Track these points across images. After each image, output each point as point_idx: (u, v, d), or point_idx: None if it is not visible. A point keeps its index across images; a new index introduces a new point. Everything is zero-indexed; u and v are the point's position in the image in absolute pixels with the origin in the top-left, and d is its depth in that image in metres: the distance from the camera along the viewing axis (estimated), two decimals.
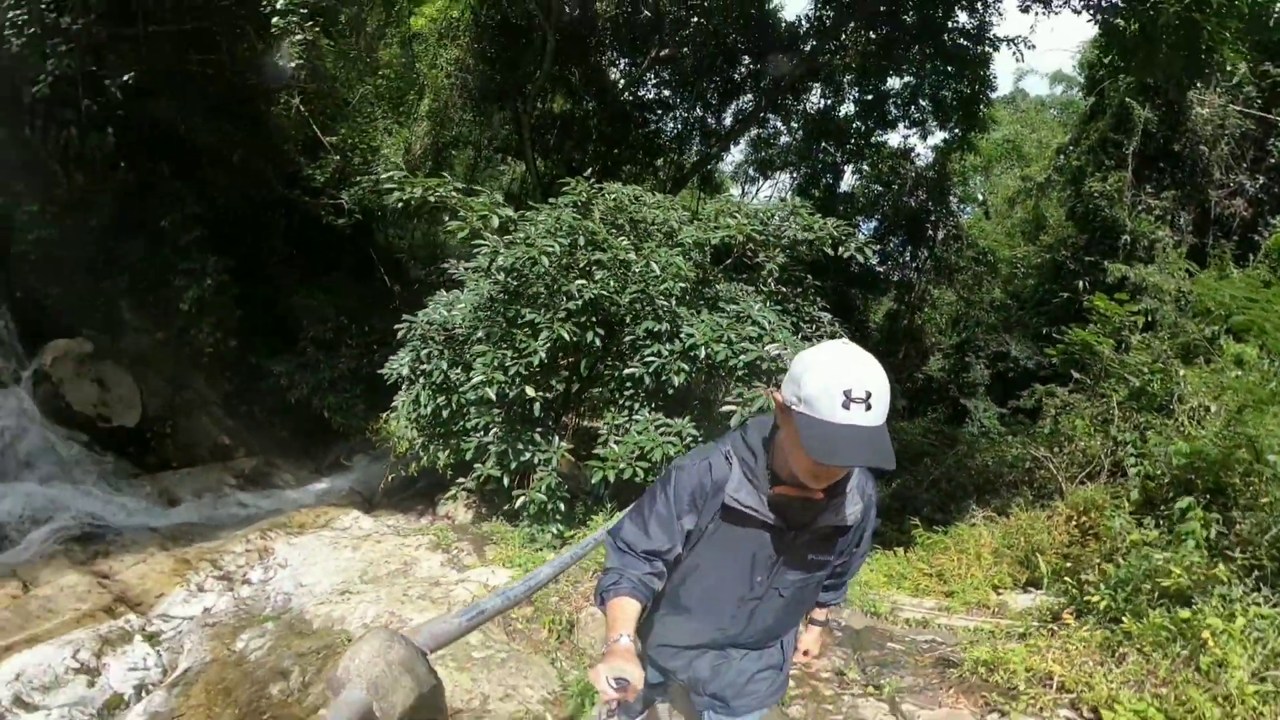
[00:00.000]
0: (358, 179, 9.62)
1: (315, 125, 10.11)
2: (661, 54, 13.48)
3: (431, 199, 5.44)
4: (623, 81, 14.63)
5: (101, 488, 7.04)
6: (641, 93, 14.96)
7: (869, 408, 1.14)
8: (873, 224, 16.88)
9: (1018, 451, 7.32)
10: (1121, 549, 3.96)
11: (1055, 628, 3.29)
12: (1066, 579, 3.92)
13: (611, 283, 4.93)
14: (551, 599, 3.98)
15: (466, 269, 5.75)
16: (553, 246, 4.86)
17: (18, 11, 7.24)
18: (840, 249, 5.74)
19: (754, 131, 16.45)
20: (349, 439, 8.16)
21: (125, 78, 7.69)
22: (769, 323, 4.83)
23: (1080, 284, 10.90)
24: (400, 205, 5.58)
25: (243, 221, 8.68)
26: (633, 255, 4.98)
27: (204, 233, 7.96)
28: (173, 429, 7.48)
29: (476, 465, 5.11)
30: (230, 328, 7.74)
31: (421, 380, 5.21)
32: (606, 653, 1.31)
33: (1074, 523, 5.07)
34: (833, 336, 6.08)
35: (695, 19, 13.06)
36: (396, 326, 5.49)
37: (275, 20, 7.65)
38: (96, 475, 7.13)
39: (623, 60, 14.68)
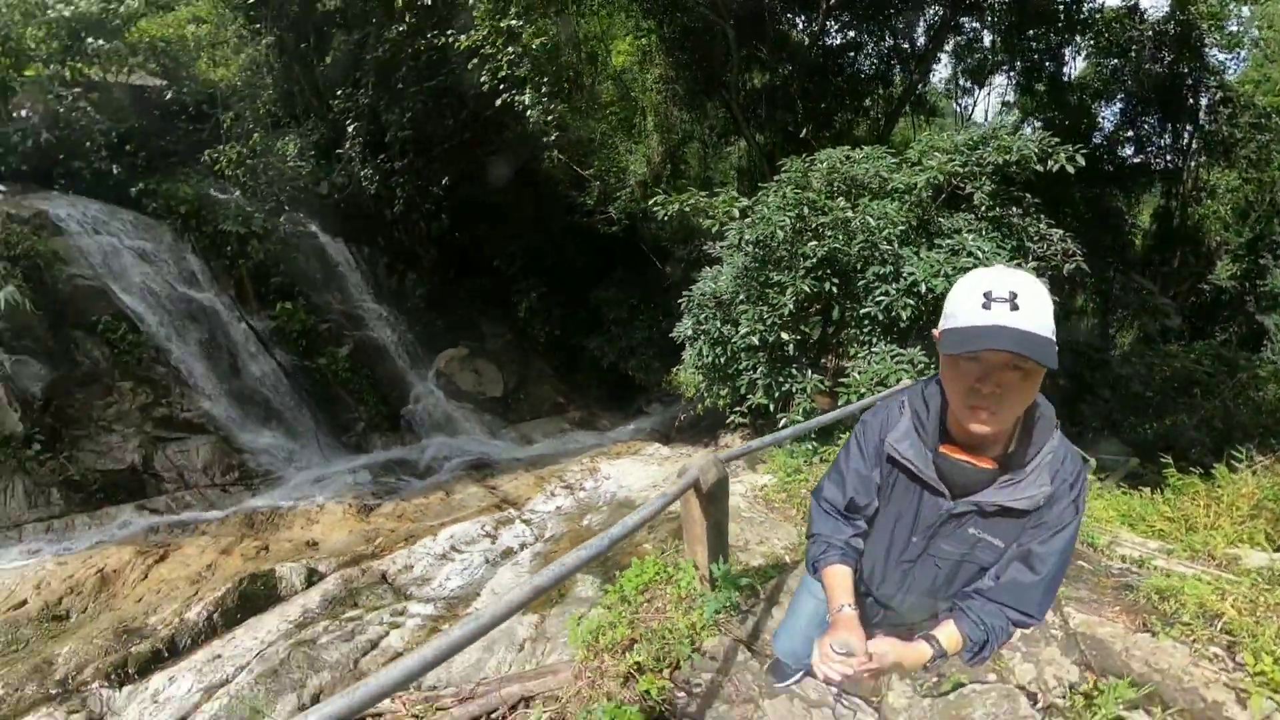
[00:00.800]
0: (616, 195, 12.07)
1: (575, 166, 12.83)
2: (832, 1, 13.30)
3: (686, 208, 7.09)
4: (807, 39, 14.45)
5: (484, 436, 10.44)
6: (829, 42, 14.47)
7: (1014, 307, 1.05)
8: (1117, 106, 13.92)
9: None
10: None
11: (1270, 587, 2.96)
12: None
13: (840, 237, 5.90)
14: (802, 490, 4.79)
15: (722, 247, 7.16)
16: (784, 220, 6.02)
17: (367, 170, 10.94)
18: (1050, 162, 5.68)
19: (951, 42, 14.93)
20: (649, 391, 10.66)
21: (444, 181, 11.04)
22: (983, 252, 5.33)
23: None
24: (665, 216, 7.26)
25: (545, 248, 11.64)
26: (850, 213, 5.98)
27: (523, 263, 11.05)
28: (525, 395, 10.69)
29: (748, 397, 6.56)
30: (554, 322, 10.77)
31: (702, 337, 6.77)
32: (831, 624, 1.32)
33: None
34: (1065, 254, 6.10)
35: None
36: (679, 300, 7.24)
37: (529, 113, 10.04)
38: (480, 429, 10.54)
39: (800, 19, 14.41)
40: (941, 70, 17.34)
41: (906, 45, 14.59)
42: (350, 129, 11.54)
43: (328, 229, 11.64)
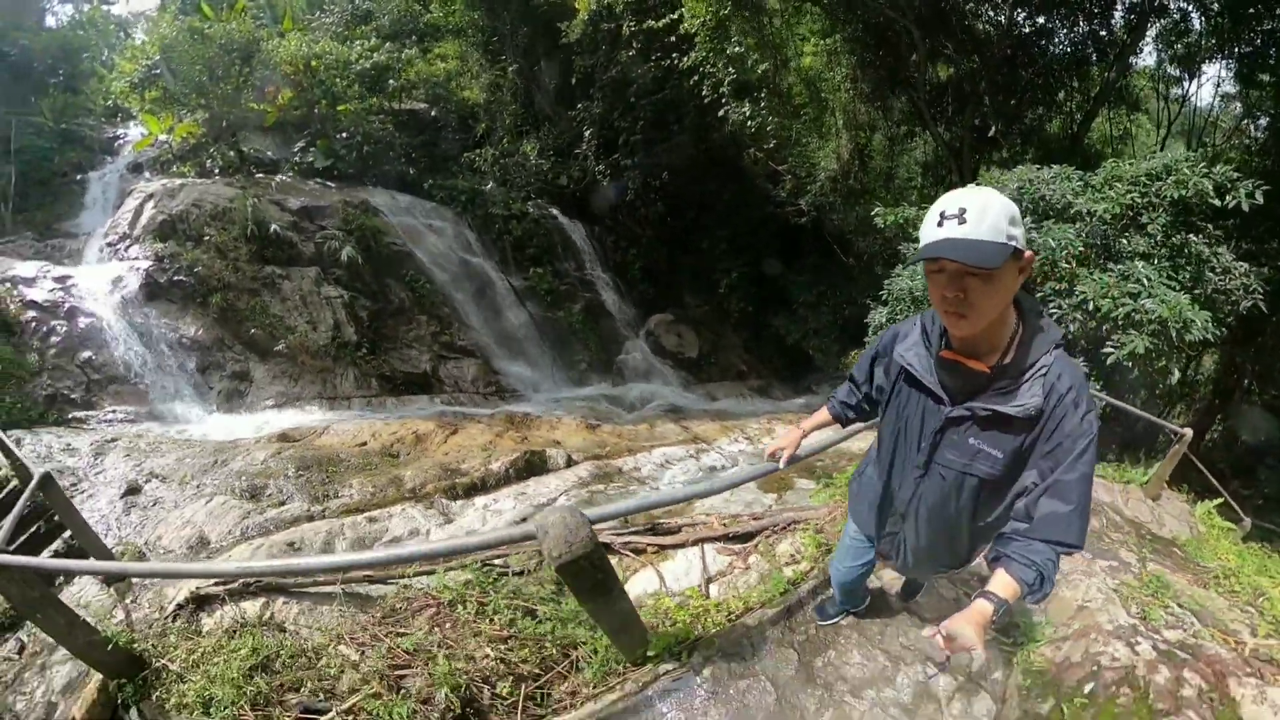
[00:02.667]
0: (807, 189, 13.54)
1: (770, 162, 14.42)
2: None
3: (902, 220, 8.39)
4: (994, 30, 13.57)
5: (678, 388, 12.60)
6: (1016, 32, 13.30)
7: (962, 221, 1.20)
8: None
9: None
10: None
11: None
12: None
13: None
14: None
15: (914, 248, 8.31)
16: None
17: (601, 166, 13.32)
18: (1229, 197, 5.74)
19: (1156, 26, 13.34)
20: (821, 371, 12.23)
21: (663, 175, 13.20)
22: (1149, 280, 5.74)
23: None
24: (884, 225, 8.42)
25: (744, 234, 13.55)
26: (1035, 233, 7.03)
27: (726, 246, 13.00)
28: (715, 359, 12.82)
29: None
30: (749, 299, 12.68)
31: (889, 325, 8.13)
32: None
33: None
34: (1246, 289, 6.22)
35: None
36: (863, 291, 8.55)
37: (748, 123, 11.78)
38: (675, 382, 12.76)
39: (986, 8, 13.46)
40: (1145, 58, 15.32)
41: (1104, 32, 12.97)
42: (586, 134, 14.23)
43: (566, 213, 14.50)
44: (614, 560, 3.52)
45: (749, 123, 11.74)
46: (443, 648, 2.56)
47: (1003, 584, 1.38)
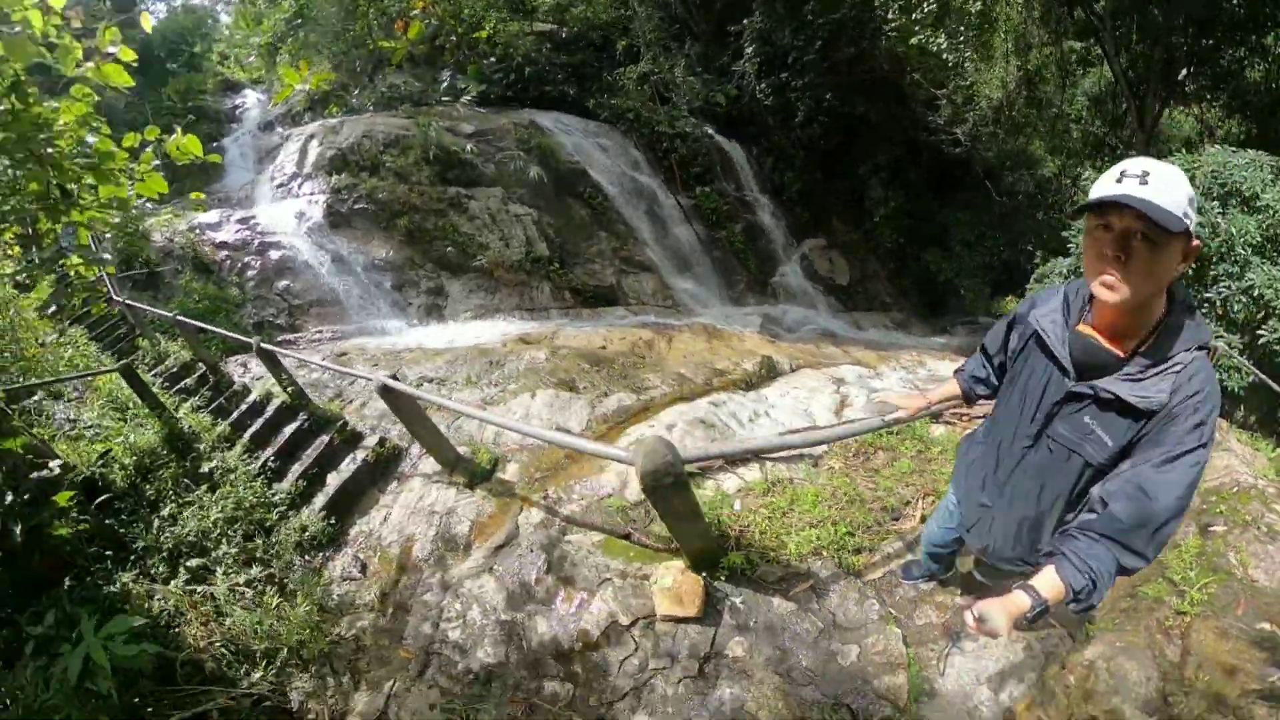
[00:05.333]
0: (965, 115, 13.76)
1: (930, 87, 14.52)
2: None
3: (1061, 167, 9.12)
4: None
5: (828, 314, 14.01)
6: None
7: (1144, 182, 1.15)
8: None
9: None
10: None
11: None
12: None
13: (1205, 231, 7.04)
14: None
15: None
16: None
17: (764, 84, 13.76)
18: None
19: None
20: (958, 314, 13.27)
21: (827, 96, 13.66)
22: None
23: None
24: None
25: (898, 163, 14.16)
26: (1219, 218, 7.76)
27: (882, 174, 13.76)
28: (863, 289, 14.14)
29: None
30: (901, 231, 13.67)
31: (1072, 277, 8.57)
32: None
33: None
34: None
35: None
36: (1042, 239, 9.35)
37: (944, 55, 11.95)
38: (825, 307, 14.21)
39: None
40: None
41: None
42: (748, 50, 14.60)
43: (721, 132, 15.30)
44: None
45: (945, 55, 11.91)
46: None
47: (1049, 583, 1.33)
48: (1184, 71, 12.34)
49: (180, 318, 6.57)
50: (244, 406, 5.63)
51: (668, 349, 8.00)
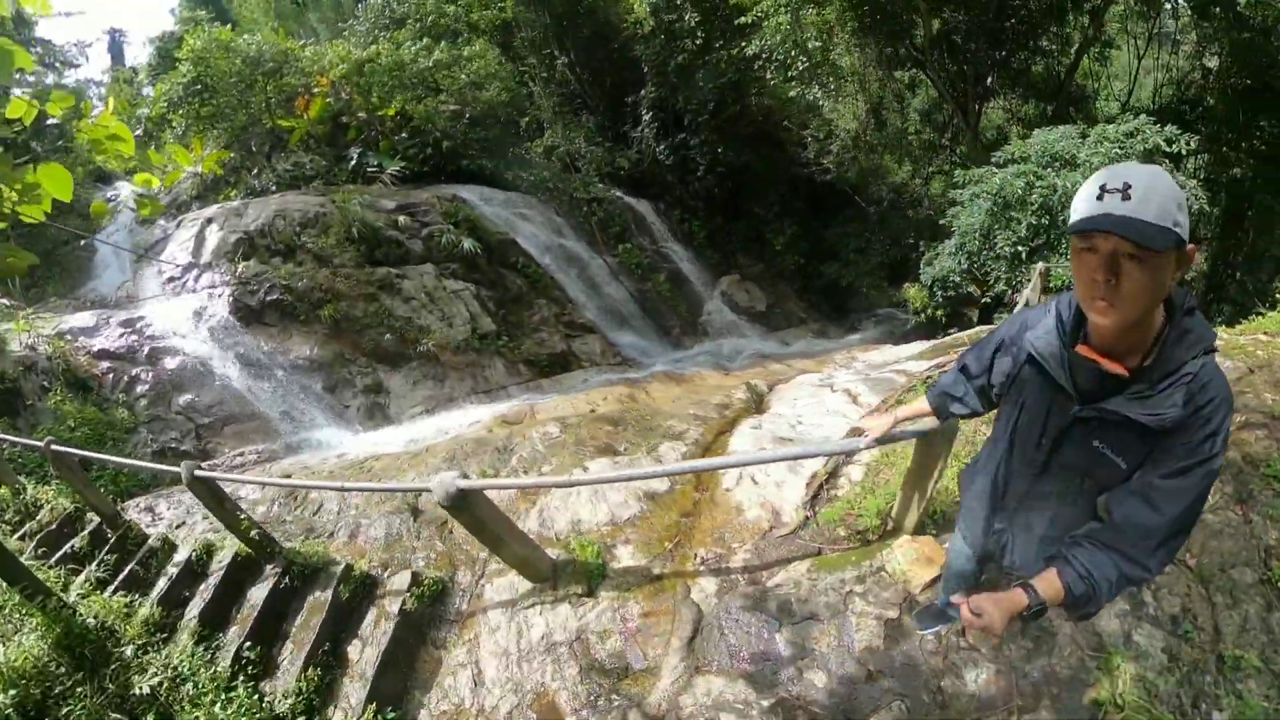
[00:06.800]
0: (829, 148, 16.25)
1: (798, 129, 17.01)
2: None
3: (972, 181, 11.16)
4: None
5: (757, 339, 15.48)
6: None
7: (1126, 197, 1.09)
8: None
9: None
10: None
11: None
12: None
13: (1048, 190, 9.05)
14: None
15: (964, 196, 10.35)
16: (1018, 182, 9.20)
17: (662, 146, 15.64)
18: (1175, 146, 8.80)
19: None
20: (861, 311, 15.33)
21: (719, 150, 15.68)
22: None
23: None
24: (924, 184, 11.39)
25: (785, 198, 16.27)
26: (1056, 179, 9.26)
27: (774, 209, 15.75)
28: (779, 310, 15.96)
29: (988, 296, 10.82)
30: (800, 253, 15.64)
31: (961, 251, 10.28)
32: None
33: None
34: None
35: None
36: (903, 233, 11.45)
37: (822, 105, 14.22)
38: (753, 333, 15.68)
39: None
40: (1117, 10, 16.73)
41: None
42: (646, 117, 16.40)
43: (628, 194, 16.81)
44: None
45: (823, 105, 14.08)
46: None
47: (1048, 583, 1.32)
48: (989, 78, 15.56)
49: (57, 447, 4.97)
50: (172, 571, 4.12)
51: (651, 399, 8.21)
